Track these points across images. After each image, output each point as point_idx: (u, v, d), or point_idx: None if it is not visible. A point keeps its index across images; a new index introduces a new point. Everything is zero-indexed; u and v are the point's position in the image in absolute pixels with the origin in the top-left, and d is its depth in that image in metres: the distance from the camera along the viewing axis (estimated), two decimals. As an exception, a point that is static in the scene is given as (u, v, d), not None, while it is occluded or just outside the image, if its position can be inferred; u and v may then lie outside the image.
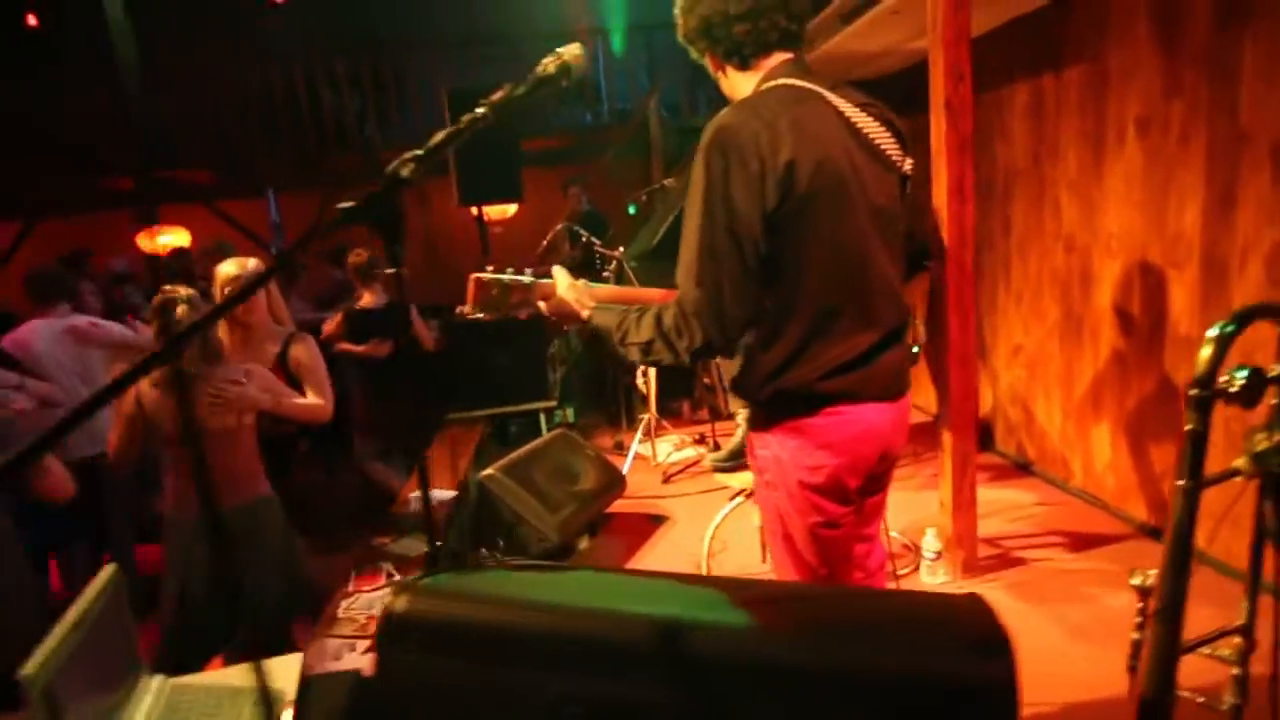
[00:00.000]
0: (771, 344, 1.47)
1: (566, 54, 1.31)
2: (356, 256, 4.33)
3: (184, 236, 7.70)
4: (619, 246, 4.72)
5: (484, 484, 3.28)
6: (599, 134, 7.16)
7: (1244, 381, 0.94)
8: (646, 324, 1.45)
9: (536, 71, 1.33)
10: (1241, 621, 1.20)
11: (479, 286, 1.67)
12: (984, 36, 3.66)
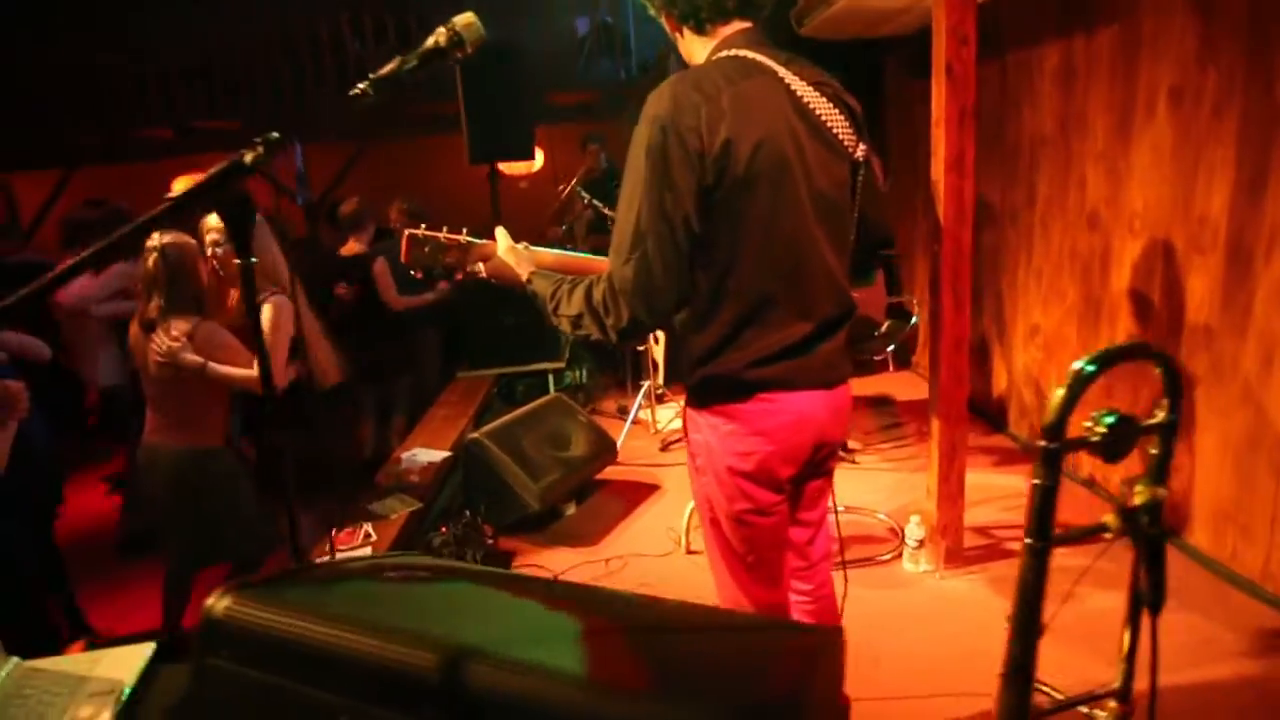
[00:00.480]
0: (703, 327, 1.41)
1: (459, 23, 1.24)
2: (347, 205, 4.53)
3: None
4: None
5: (469, 447, 3.28)
6: (627, 88, 6.96)
7: (1106, 431, 0.84)
8: (578, 297, 1.42)
9: (427, 43, 1.26)
10: (1117, 685, 1.10)
11: (411, 242, 1.68)
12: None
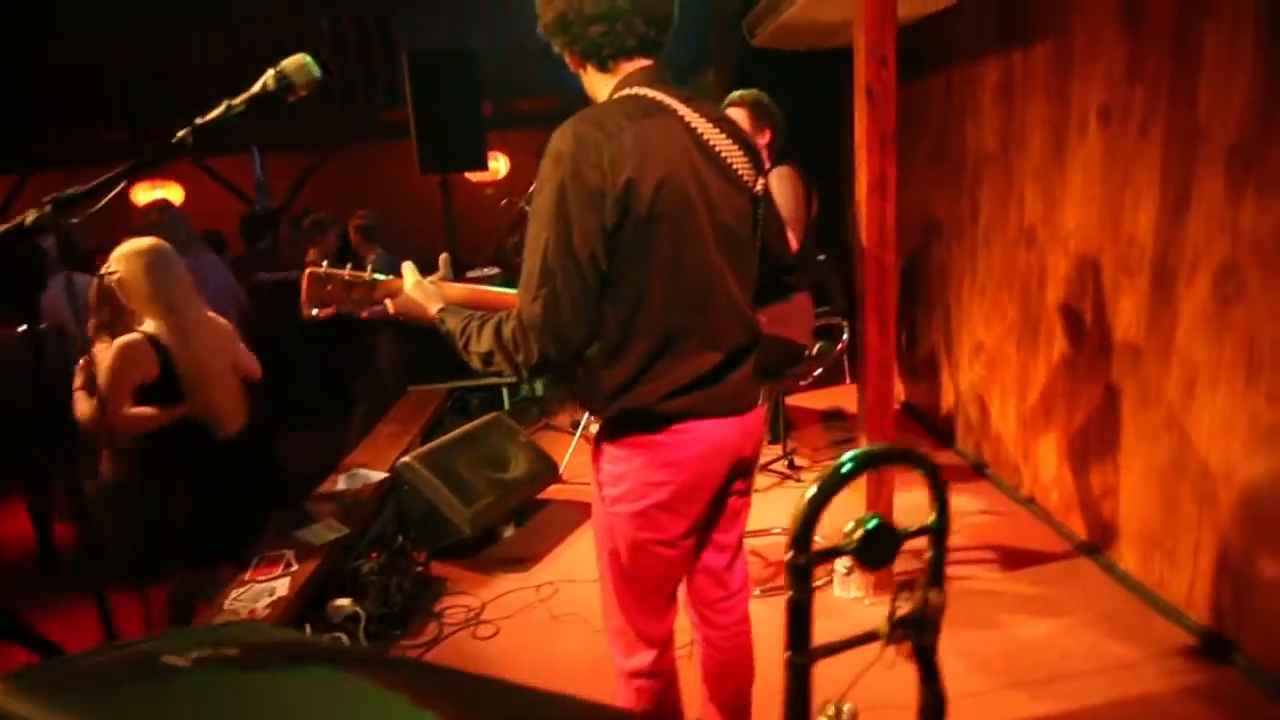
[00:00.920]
0: (615, 361, 1.42)
1: (289, 66, 1.20)
2: (359, 219, 4.56)
3: (178, 192, 7.72)
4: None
5: (400, 471, 3.22)
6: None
7: (863, 538, 0.79)
8: (488, 334, 1.42)
9: (254, 88, 1.22)
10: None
11: (311, 281, 1.64)
12: (956, 8, 3.36)
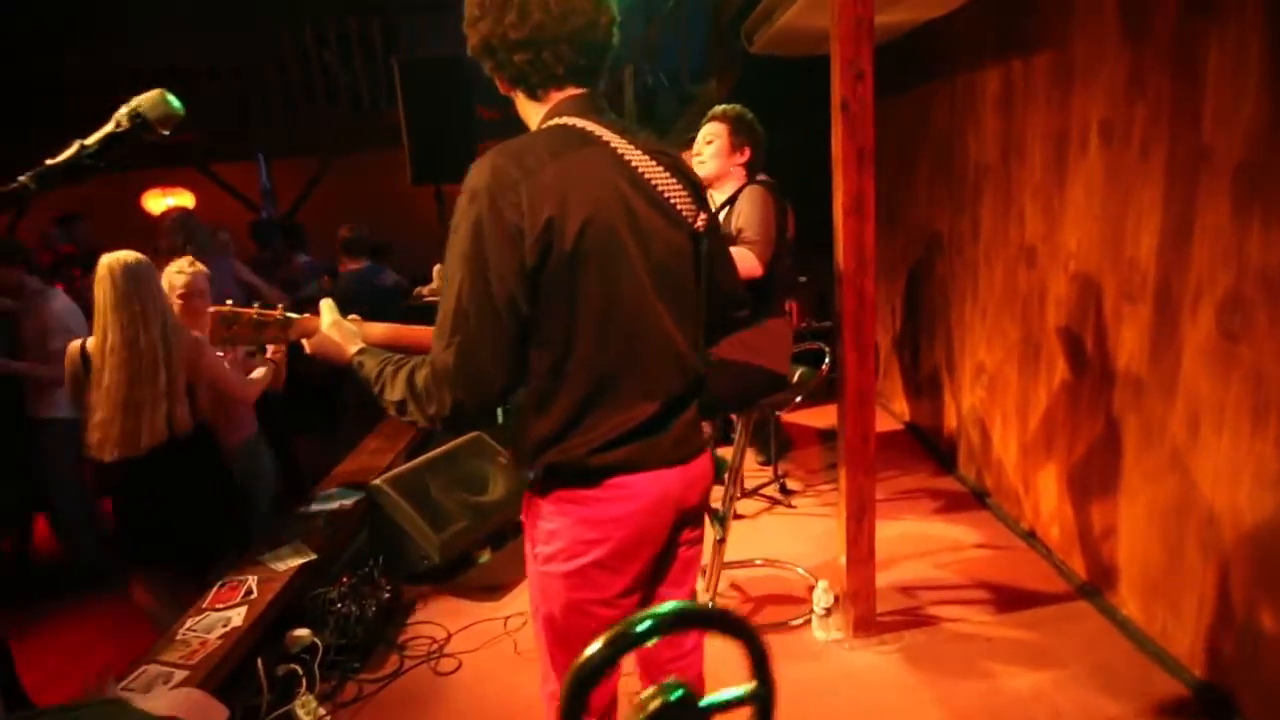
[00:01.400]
0: (544, 411, 1.31)
1: (143, 103, 1.10)
2: (344, 231, 4.53)
3: (189, 199, 7.75)
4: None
5: (371, 494, 3.13)
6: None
7: (658, 711, 0.65)
8: (400, 381, 1.31)
9: (106, 126, 1.12)
10: None
11: (217, 321, 1.58)
12: (959, 12, 3.20)
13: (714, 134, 2.44)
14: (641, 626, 0.64)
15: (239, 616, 2.55)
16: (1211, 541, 2.12)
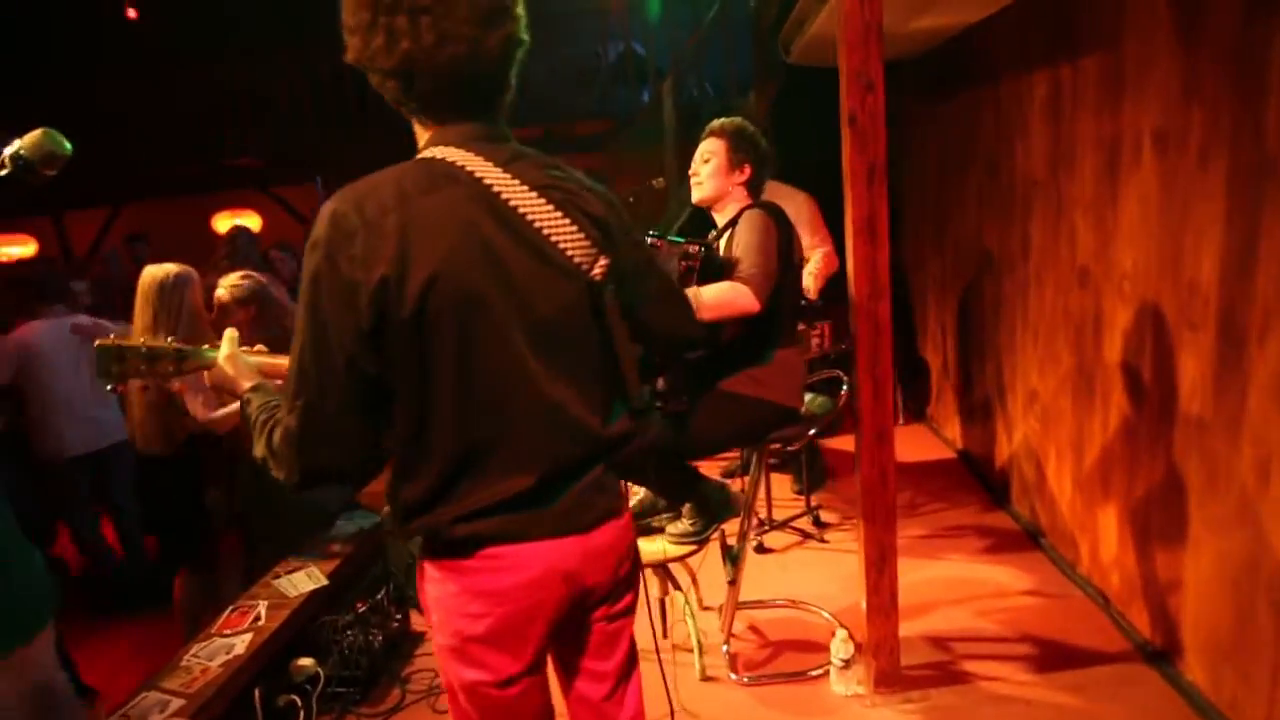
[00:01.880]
0: (411, 477, 1.19)
1: (25, 145, 1.05)
2: None
3: (255, 220, 8.06)
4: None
5: (382, 521, 3.09)
6: (642, 115, 6.72)
7: None
8: (264, 437, 1.21)
9: None
10: None
11: (101, 356, 1.46)
12: (999, 15, 2.98)
13: (711, 151, 2.21)
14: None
15: (242, 645, 2.54)
16: (1286, 605, 1.85)
